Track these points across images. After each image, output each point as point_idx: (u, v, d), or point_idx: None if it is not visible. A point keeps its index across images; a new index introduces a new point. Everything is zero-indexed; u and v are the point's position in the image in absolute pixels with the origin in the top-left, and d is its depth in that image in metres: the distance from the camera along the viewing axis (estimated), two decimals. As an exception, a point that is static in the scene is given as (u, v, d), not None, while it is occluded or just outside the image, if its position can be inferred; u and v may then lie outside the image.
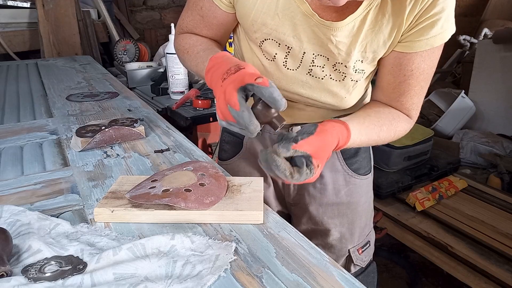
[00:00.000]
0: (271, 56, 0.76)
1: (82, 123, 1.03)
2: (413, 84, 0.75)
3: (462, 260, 1.76)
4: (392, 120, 0.78)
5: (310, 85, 0.78)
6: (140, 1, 3.20)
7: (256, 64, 0.80)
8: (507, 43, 2.80)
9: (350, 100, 0.81)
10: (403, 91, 0.77)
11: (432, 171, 2.36)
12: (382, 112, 0.79)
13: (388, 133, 0.78)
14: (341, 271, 0.49)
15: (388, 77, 0.77)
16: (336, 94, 0.79)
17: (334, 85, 0.78)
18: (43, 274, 0.47)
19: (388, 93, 0.79)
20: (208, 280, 0.46)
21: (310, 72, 0.76)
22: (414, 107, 0.80)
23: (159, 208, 0.59)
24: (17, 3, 2.34)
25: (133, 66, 2.01)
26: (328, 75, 0.76)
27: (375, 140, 0.77)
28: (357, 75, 0.76)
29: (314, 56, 0.74)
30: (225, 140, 0.96)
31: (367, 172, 0.96)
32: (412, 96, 0.77)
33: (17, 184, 0.72)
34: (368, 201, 0.98)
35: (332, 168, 0.90)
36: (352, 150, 0.91)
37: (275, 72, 0.78)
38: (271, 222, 0.59)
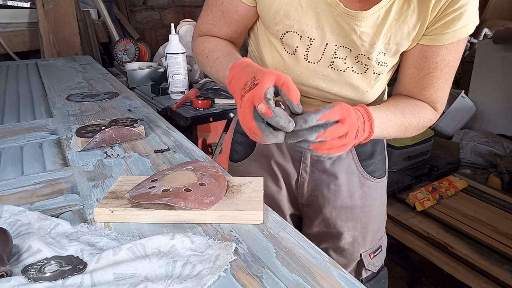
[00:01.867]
0: (291, 49, 0.75)
1: (82, 123, 1.03)
2: (438, 76, 0.74)
3: (462, 260, 1.76)
4: (414, 106, 0.76)
5: (331, 78, 0.77)
6: (140, 1, 3.20)
7: (275, 59, 0.79)
8: (507, 43, 2.80)
9: (371, 95, 0.80)
10: (427, 84, 0.75)
11: (432, 171, 2.36)
12: (404, 100, 0.77)
13: (412, 117, 0.75)
14: (341, 271, 0.49)
15: (412, 71, 0.76)
16: (358, 88, 0.78)
17: (356, 78, 0.76)
18: (43, 274, 0.47)
19: (411, 87, 0.78)
20: (208, 280, 0.46)
21: (331, 65, 0.75)
22: (440, 101, 0.78)
23: (159, 208, 0.59)
24: (17, 3, 2.34)
25: (133, 66, 2.01)
26: (350, 67, 0.75)
27: (400, 125, 0.74)
28: (380, 68, 0.75)
29: (336, 47, 0.73)
30: (237, 141, 0.95)
31: (382, 175, 0.94)
32: (437, 90, 0.76)
33: (17, 184, 0.72)
34: (382, 204, 0.96)
35: (348, 169, 0.89)
36: (368, 151, 0.90)
37: (295, 66, 0.77)
38: (271, 222, 0.59)
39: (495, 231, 1.90)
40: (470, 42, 3.55)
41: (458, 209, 2.07)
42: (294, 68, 0.77)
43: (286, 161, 0.89)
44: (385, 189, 0.97)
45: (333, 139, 0.59)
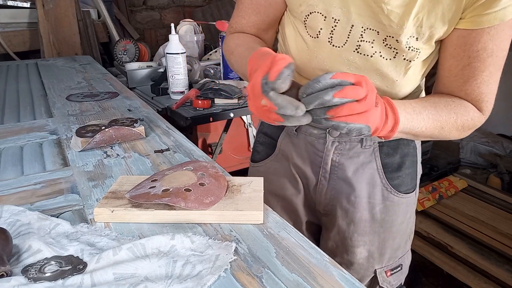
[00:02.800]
0: (315, 32, 0.71)
1: (82, 123, 1.03)
2: (480, 68, 0.65)
3: (462, 260, 1.76)
4: (450, 101, 0.67)
5: (357, 64, 0.71)
6: (140, 1, 3.20)
7: (299, 45, 0.75)
8: (507, 43, 2.80)
9: (402, 86, 0.73)
10: (468, 77, 0.67)
11: (432, 171, 2.37)
12: (439, 95, 0.69)
13: (447, 112, 0.66)
14: (341, 271, 0.49)
15: (450, 62, 0.68)
16: (386, 76, 0.71)
17: (385, 65, 0.70)
18: (43, 274, 0.47)
19: (450, 82, 0.69)
20: (208, 280, 0.46)
21: (358, 49, 0.69)
22: (484, 98, 0.68)
23: (159, 208, 0.59)
24: (17, 3, 2.34)
25: (133, 66, 2.01)
26: (378, 52, 0.69)
27: (434, 120, 0.66)
28: (411, 54, 0.68)
29: (363, 30, 0.68)
30: (259, 141, 0.93)
31: (410, 191, 0.85)
32: (480, 84, 0.67)
33: (17, 184, 0.72)
34: (406, 221, 0.88)
35: (370, 180, 0.82)
36: (395, 163, 0.82)
37: (319, 50, 0.72)
38: (271, 222, 0.59)
39: (495, 231, 1.90)
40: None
41: (458, 209, 2.07)
42: (318, 53, 0.73)
43: (305, 165, 0.85)
44: (412, 206, 0.89)
45: (351, 103, 0.52)
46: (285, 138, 0.87)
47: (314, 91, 0.53)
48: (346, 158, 0.81)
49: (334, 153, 0.82)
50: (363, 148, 0.81)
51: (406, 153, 0.84)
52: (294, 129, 0.84)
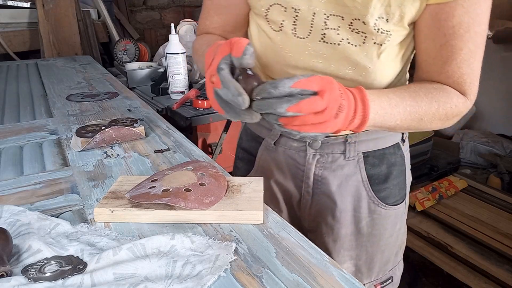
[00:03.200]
0: (277, 25, 0.68)
1: (82, 123, 1.03)
2: (458, 46, 0.61)
3: (462, 260, 1.76)
4: (431, 89, 0.63)
5: (325, 55, 0.66)
6: (140, 1, 3.20)
7: (263, 42, 0.72)
8: (507, 43, 2.80)
9: (377, 73, 0.67)
10: (446, 57, 0.62)
11: (432, 171, 2.37)
12: (419, 83, 0.65)
13: (428, 102, 0.61)
14: (341, 271, 0.49)
15: (426, 44, 0.64)
16: (358, 64, 0.66)
17: (354, 52, 0.65)
18: (43, 274, 0.47)
19: (429, 65, 0.65)
20: (208, 280, 0.46)
21: (323, 38, 0.65)
22: (467, 80, 0.63)
23: (159, 208, 0.59)
24: (17, 3, 2.34)
25: (133, 66, 2.01)
26: (345, 39, 0.64)
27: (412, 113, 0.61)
28: (381, 36, 0.63)
29: (326, 16, 0.63)
30: (238, 156, 0.91)
31: (398, 202, 0.81)
32: (460, 64, 0.62)
33: (17, 184, 0.72)
34: (395, 234, 0.84)
35: (355, 194, 0.78)
36: (382, 174, 0.78)
37: (284, 44, 0.69)
38: (271, 222, 0.59)
39: (495, 231, 1.90)
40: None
41: (458, 209, 2.07)
42: (283, 48, 0.69)
43: (287, 180, 0.81)
44: (402, 217, 0.84)
45: (307, 115, 0.49)
46: (264, 153, 0.83)
47: (268, 97, 0.49)
48: (329, 172, 0.78)
49: (316, 167, 0.78)
50: (346, 159, 0.77)
51: (393, 163, 0.79)
52: (272, 143, 0.80)
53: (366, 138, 0.76)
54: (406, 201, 0.85)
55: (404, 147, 0.83)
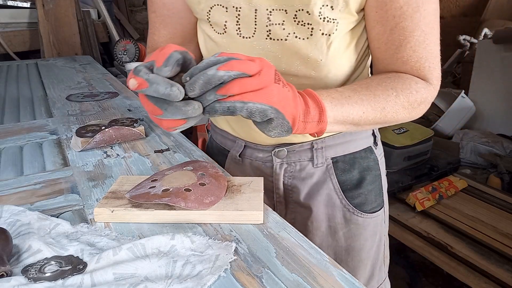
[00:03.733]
0: (221, 27, 0.65)
1: (82, 123, 1.03)
2: (409, 27, 0.58)
3: (462, 260, 1.76)
4: (386, 78, 0.60)
5: (274, 52, 0.63)
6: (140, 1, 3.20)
7: (209, 47, 0.69)
8: (507, 43, 2.80)
9: (330, 66, 0.64)
10: (399, 42, 0.59)
11: (432, 171, 2.37)
12: (372, 77, 0.61)
13: (384, 90, 0.58)
14: (341, 271, 0.49)
15: (376, 29, 0.61)
16: (308, 58, 0.63)
17: (303, 46, 0.62)
18: (43, 274, 0.47)
19: (382, 52, 0.62)
20: (208, 280, 0.46)
21: (269, 35, 0.62)
22: (425, 64, 0.60)
23: (159, 208, 0.59)
24: (17, 3, 2.34)
25: (133, 66, 2.01)
26: (291, 33, 0.61)
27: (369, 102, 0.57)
28: (328, 26, 0.60)
29: (268, 12, 0.61)
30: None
31: (376, 209, 0.77)
32: (415, 48, 0.59)
33: (17, 184, 0.72)
34: (377, 245, 0.79)
35: (328, 202, 0.74)
36: (354, 179, 0.75)
37: (230, 46, 0.66)
38: (271, 222, 0.59)
39: (495, 231, 1.90)
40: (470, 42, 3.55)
41: (458, 209, 2.08)
42: (230, 50, 0.65)
43: None
44: (382, 227, 0.80)
45: (243, 79, 0.46)
46: (231, 166, 0.80)
47: (197, 72, 0.46)
48: (298, 181, 0.75)
49: (284, 176, 0.75)
50: (315, 166, 0.74)
51: (366, 167, 0.76)
52: (238, 155, 0.78)
53: (334, 142, 0.74)
54: (385, 210, 0.80)
55: (378, 150, 0.79)
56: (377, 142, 0.80)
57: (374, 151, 0.78)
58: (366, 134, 0.78)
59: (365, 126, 0.62)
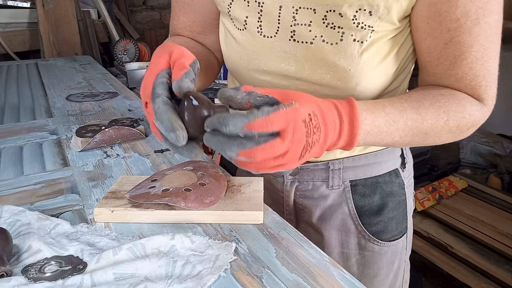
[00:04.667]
0: (241, 23, 0.59)
1: (82, 123, 1.03)
2: (467, 42, 0.50)
3: (462, 260, 1.76)
4: (439, 96, 0.52)
5: (296, 56, 0.57)
6: (140, 1, 3.20)
7: (228, 45, 0.64)
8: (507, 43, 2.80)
9: (359, 77, 0.56)
10: (454, 57, 0.51)
11: (432, 171, 2.37)
12: (424, 90, 0.53)
13: (434, 114, 0.50)
14: (341, 271, 0.49)
15: (428, 42, 0.53)
16: (336, 66, 0.55)
17: (330, 52, 0.54)
18: (43, 274, 0.47)
19: (434, 67, 0.54)
20: (208, 280, 0.46)
21: (293, 36, 0.55)
22: (481, 82, 0.53)
23: (159, 208, 0.59)
24: (17, 3, 2.34)
25: (133, 66, 2.01)
26: (318, 36, 0.54)
27: (413, 128, 0.50)
28: (362, 33, 0.52)
29: (295, 10, 0.54)
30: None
31: (396, 237, 0.69)
32: (472, 64, 0.51)
33: (17, 184, 0.72)
34: (394, 273, 0.72)
35: (342, 228, 0.68)
36: (374, 205, 0.67)
37: (249, 45, 0.60)
38: (271, 222, 0.59)
39: (495, 231, 1.90)
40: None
41: (458, 209, 2.07)
42: (249, 49, 0.60)
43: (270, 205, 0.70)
44: (402, 254, 0.72)
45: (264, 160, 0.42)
46: (243, 174, 0.75)
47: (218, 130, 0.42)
48: (310, 201, 0.69)
49: (295, 195, 0.70)
50: (330, 188, 0.67)
51: (389, 193, 0.68)
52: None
53: (354, 164, 0.66)
54: (408, 235, 0.72)
55: (405, 173, 0.71)
56: (406, 163, 0.71)
57: (400, 175, 0.70)
58: (394, 155, 0.69)
59: (395, 146, 0.58)
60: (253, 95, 0.43)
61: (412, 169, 0.74)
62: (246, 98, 0.43)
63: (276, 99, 0.43)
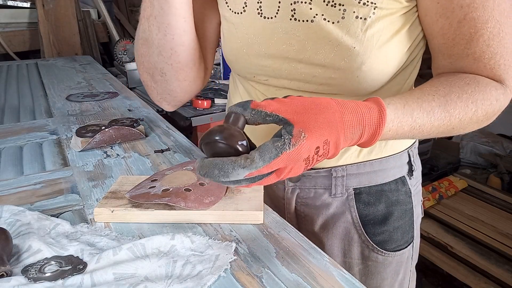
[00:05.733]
0: (240, 5, 0.57)
1: (82, 123, 1.03)
2: (482, 18, 0.48)
3: (462, 260, 1.76)
4: (464, 87, 0.49)
5: (298, 36, 0.54)
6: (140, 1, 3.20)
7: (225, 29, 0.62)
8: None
9: (365, 55, 0.53)
10: (470, 35, 0.49)
11: (432, 171, 2.37)
12: (446, 82, 0.50)
13: (463, 108, 0.48)
14: (341, 271, 0.49)
15: (440, 23, 0.51)
16: (340, 44, 0.52)
17: (332, 29, 0.52)
18: (43, 274, 0.47)
19: (449, 48, 0.52)
20: (208, 280, 0.46)
21: (294, 15, 0.53)
22: (500, 61, 0.50)
23: (159, 208, 0.59)
24: (17, 3, 2.34)
25: (133, 66, 2.01)
26: (319, 14, 0.52)
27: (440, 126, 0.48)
28: (365, 10, 0.50)
29: None
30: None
31: (402, 247, 0.67)
32: (488, 41, 0.49)
33: (17, 184, 0.72)
34: (399, 283, 0.70)
35: (345, 237, 0.66)
36: (379, 214, 0.65)
37: (250, 28, 0.57)
38: (271, 222, 0.59)
39: (495, 231, 1.90)
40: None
41: (458, 209, 2.07)
42: (249, 33, 0.58)
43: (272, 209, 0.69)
44: (407, 264, 0.69)
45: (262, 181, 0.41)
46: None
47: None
48: (312, 209, 0.67)
49: (297, 202, 0.68)
50: (332, 196, 0.65)
51: (395, 201, 0.66)
52: None
53: (358, 171, 0.64)
54: (415, 245, 0.70)
55: (412, 180, 0.69)
56: (414, 170, 0.69)
57: (407, 182, 0.67)
58: (401, 162, 0.67)
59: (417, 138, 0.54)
60: (262, 115, 0.40)
61: (420, 176, 0.72)
62: (255, 117, 0.41)
63: (287, 119, 0.39)
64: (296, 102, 0.41)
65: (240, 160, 0.38)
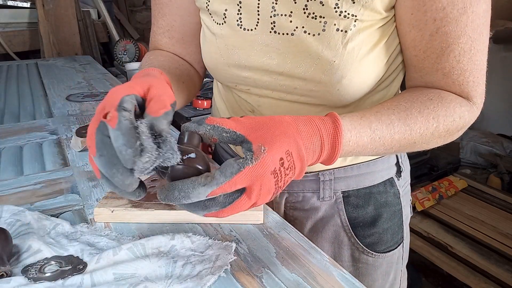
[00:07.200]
0: (220, 16, 0.56)
1: (82, 123, 1.03)
2: (453, 33, 0.48)
3: (462, 260, 1.76)
4: (427, 102, 0.49)
5: (278, 49, 0.54)
6: (140, 1, 3.20)
7: (207, 39, 0.61)
8: (507, 43, 2.80)
9: (345, 69, 0.52)
10: (441, 49, 0.49)
11: (432, 171, 2.37)
12: (411, 95, 0.51)
13: (424, 122, 0.48)
14: (341, 271, 0.49)
15: (413, 34, 0.51)
16: (320, 58, 0.52)
17: (313, 42, 0.51)
18: (43, 274, 0.47)
19: (420, 61, 0.52)
20: (208, 280, 0.46)
21: (273, 27, 0.53)
22: (469, 78, 0.50)
23: (159, 208, 0.59)
24: (17, 3, 2.34)
25: (133, 66, 2.01)
26: (300, 27, 0.51)
27: (401, 140, 0.48)
28: (345, 22, 0.49)
29: (274, 0, 0.52)
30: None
31: (392, 248, 0.68)
32: (458, 57, 0.49)
33: (17, 184, 0.72)
34: (390, 284, 0.70)
35: (335, 240, 0.66)
36: (368, 217, 0.65)
37: (230, 40, 0.57)
38: (271, 222, 0.59)
39: (495, 231, 1.90)
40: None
41: (458, 209, 2.07)
42: (229, 44, 0.57)
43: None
44: (397, 265, 0.70)
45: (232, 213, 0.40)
46: None
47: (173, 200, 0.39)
48: (301, 212, 0.67)
49: (286, 206, 0.68)
50: (320, 200, 0.65)
51: (384, 203, 0.66)
52: None
53: (345, 175, 0.64)
54: (405, 245, 0.70)
55: (401, 181, 0.69)
56: (402, 170, 0.69)
57: (395, 184, 0.67)
58: (388, 164, 0.67)
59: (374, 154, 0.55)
60: (218, 131, 0.40)
61: (408, 176, 0.73)
62: (211, 133, 0.40)
63: (244, 136, 0.39)
64: (251, 120, 0.41)
65: (200, 179, 0.37)
